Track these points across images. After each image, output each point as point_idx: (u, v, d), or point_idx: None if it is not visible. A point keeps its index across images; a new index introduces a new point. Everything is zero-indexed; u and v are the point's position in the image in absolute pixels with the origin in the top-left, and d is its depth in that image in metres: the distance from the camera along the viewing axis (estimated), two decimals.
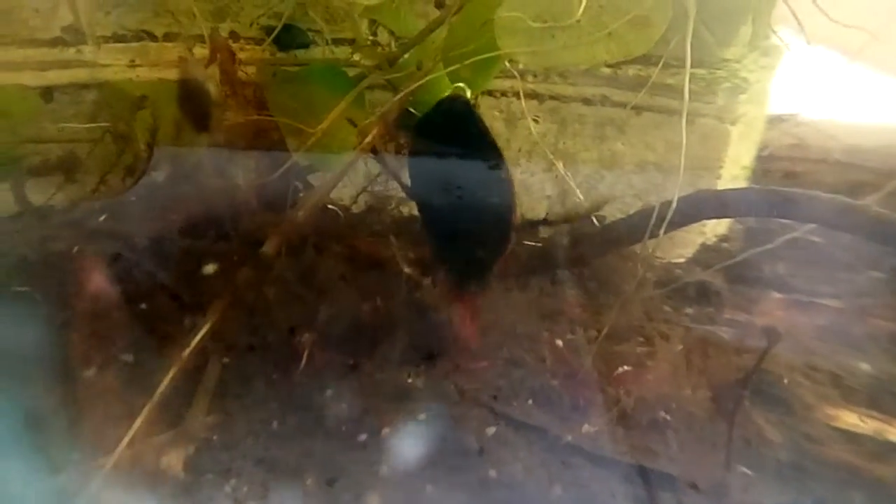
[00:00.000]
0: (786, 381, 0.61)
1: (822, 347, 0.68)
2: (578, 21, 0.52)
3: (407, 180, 0.61)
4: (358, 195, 0.80)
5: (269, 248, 0.55)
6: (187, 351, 0.51)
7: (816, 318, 0.74)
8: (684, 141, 0.59)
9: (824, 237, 0.82)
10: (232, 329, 0.57)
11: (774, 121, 1.19)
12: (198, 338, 0.51)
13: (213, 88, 0.65)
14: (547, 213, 0.89)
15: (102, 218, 0.65)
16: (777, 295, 0.81)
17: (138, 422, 0.48)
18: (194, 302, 0.57)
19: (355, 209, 0.79)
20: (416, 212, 0.86)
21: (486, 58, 0.57)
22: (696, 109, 0.94)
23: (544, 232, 0.84)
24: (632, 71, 0.89)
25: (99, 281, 0.58)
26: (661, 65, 0.72)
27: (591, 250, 0.79)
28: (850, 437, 0.56)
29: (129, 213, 0.65)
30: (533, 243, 0.80)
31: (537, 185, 0.90)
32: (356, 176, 0.82)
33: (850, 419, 0.57)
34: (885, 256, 0.80)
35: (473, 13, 0.60)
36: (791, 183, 1.16)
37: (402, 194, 0.82)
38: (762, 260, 0.87)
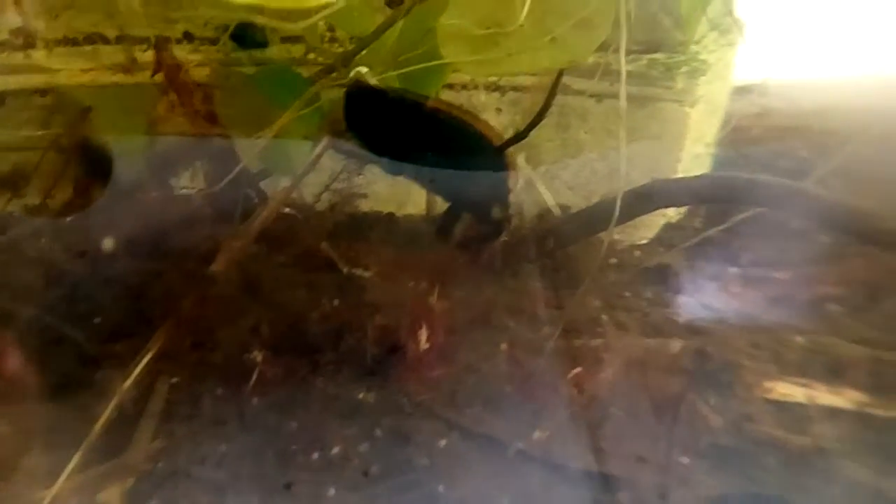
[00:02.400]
0: (731, 361, 0.60)
1: (767, 321, 0.67)
2: (522, 26, 0.50)
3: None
4: (320, 194, 0.78)
5: (217, 266, 0.53)
6: (130, 379, 0.49)
7: (766, 290, 0.74)
8: (623, 136, 0.56)
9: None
10: (181, 348, 0.55)
11: (741, 92, 1.17)
12: (142, 362, 0.50)
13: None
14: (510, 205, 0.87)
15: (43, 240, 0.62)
16: (733, 270, 0.79)
17: (77, 455, 0.46)
18: (141, 323, 0.55)
19: (318, 207, 0.77)
20: (377, 208, 0.85)
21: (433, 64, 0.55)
22: (656, 94, 0.92)
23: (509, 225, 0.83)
24: (591, 58, 0.87)
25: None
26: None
27: (555, 241, 0.78)
28: (782, 407, 0.55)
29: (70, 229, 0.62)
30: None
31: None
32: (320, 174, 0.79)
33: (784, 389, 0.57)
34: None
35: (420, 17, 0.58)
36: (757, 152, 1.16)
37: (364, 190, 0.80)
38: (721, 236, 0.87)
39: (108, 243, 0.58)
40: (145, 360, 0.51)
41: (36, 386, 0.54)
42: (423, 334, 0.57)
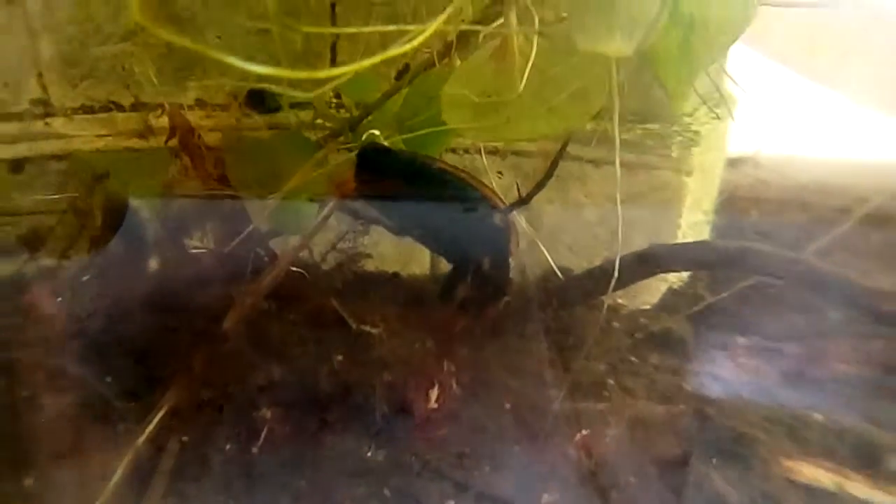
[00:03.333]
0: (744, 434, 0.59)
1: (781, 395, 0.66)
2: (520, 96, 0.52)
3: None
4: (327, 253, 0.79)
5: (228, 323, 0.54)
6: (142, 437, 0.49)
7: (775, 363, 0.73)
8: (619, 202, 0.58)
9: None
10: (191, 406, 0.55)
11: (735, 163, 1.20)
12: (155, 420, 0.50)
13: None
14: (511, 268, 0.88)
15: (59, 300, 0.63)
16: (741, 340, 0.79)
17: None
18: (154, 380, 0.55)
19: (325, 266, 0.78)
20: (382, 267, 0.85)
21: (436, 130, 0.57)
22: (653, 162, 0.94)
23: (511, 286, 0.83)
24: (589, 125, 0.89)
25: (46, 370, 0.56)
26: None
27: (558, 303, 0.78)
28: (809, 492, 0.53)
29: (84, 290, 0.63)
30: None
31: None
32: (326, 232, 0.81)
33: (808, 472, 0.55)
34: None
35: (424, 85, 0.60)
36: (751, 223, 1.17)
37: (369, 250, 0.81)
38: (724, 304, 0.87)
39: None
40: (157, 418, 0.50)
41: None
42: (431, 393, 0.56)
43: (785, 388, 0.68)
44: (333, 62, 0.76)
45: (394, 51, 0.42)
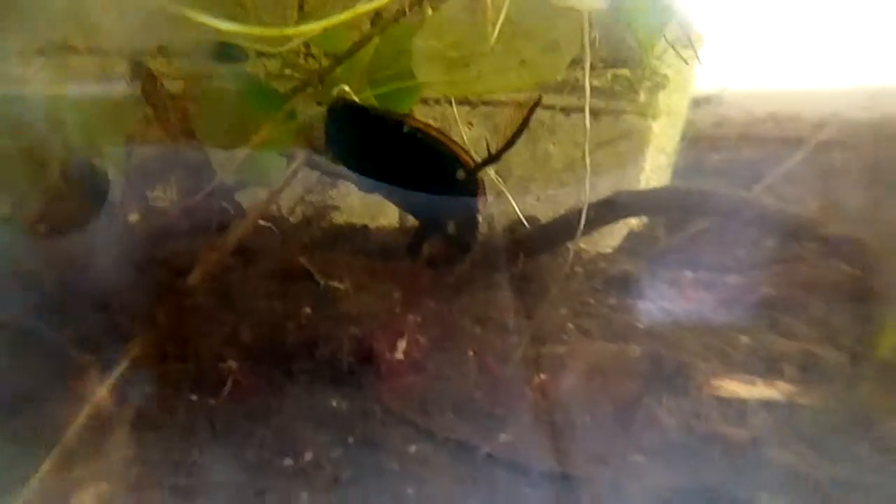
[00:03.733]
0: (684, 363, 0.62)
1: (717, 323, 0.70)
2: (492, 49, 0.51)
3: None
4: (295, 206, 0.78)
5: (194, 278, 0.53)
6: (102, 387, 0.49)
7: (717, 294, 0.77)
8: (587, 149, 0.58)
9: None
10: (155, 358, 0.55)
11: (699, 103, 1.20)
12: (116, 372, 0.50)
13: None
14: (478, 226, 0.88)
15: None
16: (689, 275, 0.82)
17: (47, 463, 0.46)
18: (117, 334, 0.55)
19: (293, 219, 0.77)
20: (351, 220, 0.85)
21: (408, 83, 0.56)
22: (620, 108, 0.93)
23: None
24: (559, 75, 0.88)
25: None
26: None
27: (524, 252, 0.79)
28: (726, 403, 0.57)
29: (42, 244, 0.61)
30: None
31: None
32: (295, 186, 0.79)
33: (729, 386, 0.59)
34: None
35: (395, 37, 0.58)
36: (712, 161, 1.19)
37: (338, 203, 0.81)
38: (680, 244, 0.89)
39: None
40: (119, 370, 0.50)
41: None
42: (396, 344, 0.57)
43: (721, 315, 0.72)
44: (301, 9, 0.73)
45: (363, 7, 0.41)
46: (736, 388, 0.59)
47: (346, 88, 0.57)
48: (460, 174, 0.55)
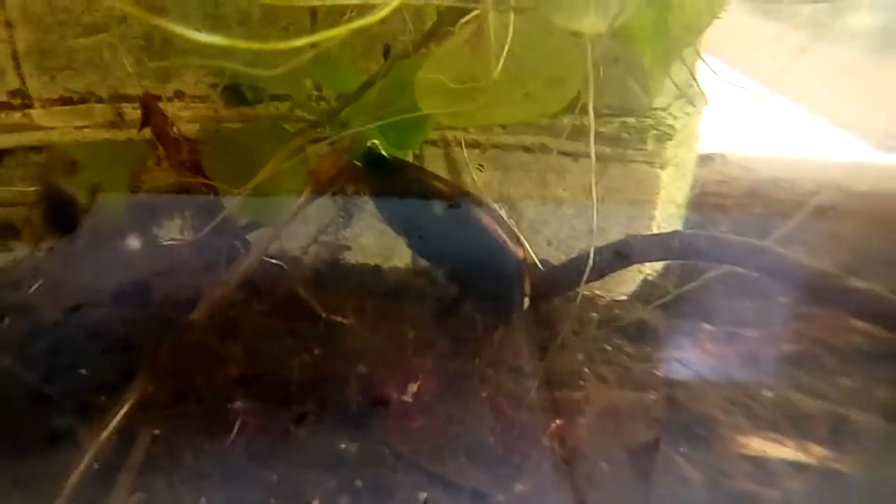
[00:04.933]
0: (706, 415, 0.58)
1: (738, 376, 0.66)
2: (496, 82, 0.47)
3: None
4: (308, 246, 0.74)
5: (198, 314, 0.49)
6: (107, 430, 0.44)
7: (736, 348, 0.73)
8: (594, 193, 0.54)
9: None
10: (164, 398, 0.50)
11: (704, 160, 1.19)
12: (120, 413, 0.45)
13: (81, 193, 0.57)
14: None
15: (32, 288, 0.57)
16: (707, 327, 0.78)
17: None
18: (123, 373, 0.51)
19: (306, 259, 0.73)
20: (362, 259, 0.81)
21: (416, 117, 0.52)
22: (629, 156, 0.90)
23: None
24: (567, 120, 0.86)
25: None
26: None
27: (537, 295, 0.75)
28: (756, 462, 0.53)
29: (55, 280, 0.58)
30: None
31: None
32: (308, 226, 0.76)
33: (756, 445, 0.55)
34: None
35: (402, 73, 0.56)
36: (721, 216, 1.16)
37: (350, 243, 0.77)
38: (694, 293, 0.84)
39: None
40: (123, 411, 0.46)
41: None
42: (407, 386, 0.52)
43: (742, 370, 0.68)
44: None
45: (358, 22, 0.37)
46: (763, 446, 0.55)
47: (377, 143, 0.54)
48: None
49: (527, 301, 0.60)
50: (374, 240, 0.78)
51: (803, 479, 0.51)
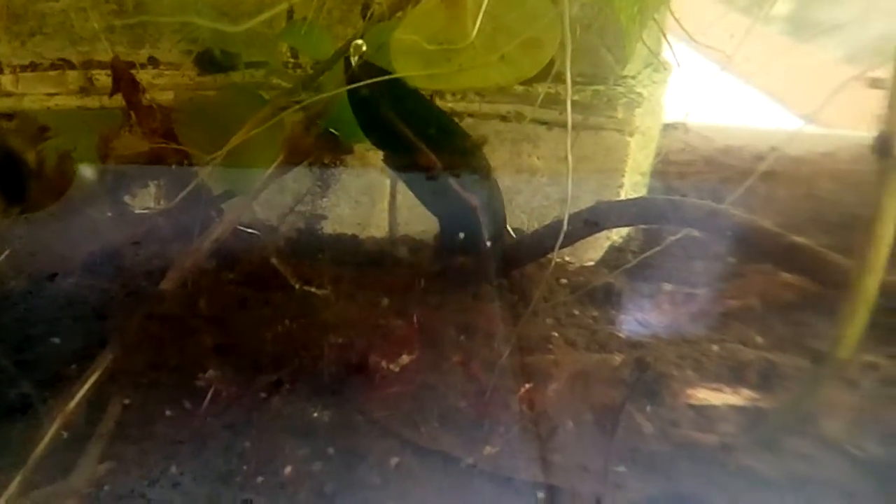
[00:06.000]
0: (661, 372, 0.58)
1: (690, 333, 0.66)
2: (472, 44, 0.44)
3: None
4: (286, 215, 0.70)
5: (167, 284, 0.45)
6: (74, 400, 0.41)
7: (690, 306, 0.74)
8: (570, 161, 0.51)
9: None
10: (136, 367, 0.46)
11: (667, 128, 1.17)
12: (87, 384, 0.41)
13: (30, 157, 0.52)
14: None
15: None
16: (667, 287, 0.78)
17: (18, 476, 0.37)
18: (94, 343, 0.47)
19: (283, 229, 0.69)
20: (341, 230, 0.77)
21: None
22: (600, 123, 0.87)
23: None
24: (542, 89, 0.82)
25: None
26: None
27: (510, 263, 0.72)
28: (699, 411, 0.54)
29: (26, 248, 0.53)
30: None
31: None
32: (285, 196, 0.72)
33: (701, 395, 0.56)
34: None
35: (377, 37, 0.51)
36: (681, 182, 1.15)
37: (327, 213, 0.73)
38: (657, 257, 0.83)
39: None
40: (91, 381, 0.42)
41: None
42: (381, 353, 0.49)
43: (694, 326, 0.68)
44: (290, 16, 0.65)
45: None
46: (707, 395, 0.56)
47: (360, 42, 0.47)
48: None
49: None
50: (351, 210, 0.74)
51: (735, 419, 0.52)
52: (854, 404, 0.53)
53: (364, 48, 0.49)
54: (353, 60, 0.49)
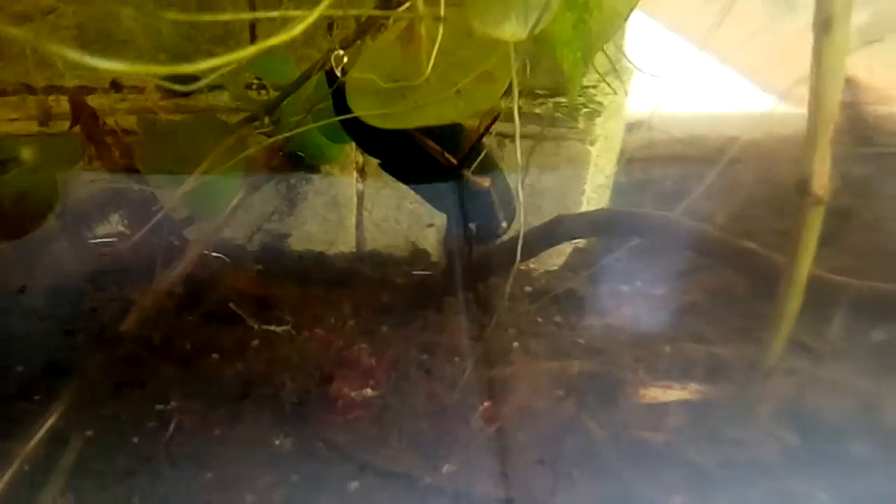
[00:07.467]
0: (618, 378, 0.57)
1: (646, 334, 0.66)
2: (427, 80, 0.43)
3: None
4: (253, 234, 0.69)
5: (128, 324, 0.44)
6: (33, 440, 0.40)
7: (647, 307, 0.75)
8: (520, 181, 0.51)
9: None
10: (97, 400, 0.45)
11: (632, 127, 1.16)
12: (49, 421, 0.40)
13: None
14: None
15: None
16: (625, 290, 0.79)
17: None
18: (54, 380, 0.46)
19: (250, 248, 0.68)
20: (310, 247, 0.76)
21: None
22: (562, 134, 0.87)
23: (433, 260, 0.76)
24: (503, 102, 0.81)
25: None
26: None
27: (475, 275, 0.72)
28: (649, 409, 0.54)
29: None
30: (420, 272, 0.71)
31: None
32: (251, 214, 0.71)
33: (652, 394, 0.56)
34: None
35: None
36: (645, 180, 1.15)
37: (295, 230, 0.72)
38: (617, 261, 0.84)
39: None
40: (49, 423, 0.41)
41: None
42: (344, 375, 0.49)
43: (649, 325, 0.69)
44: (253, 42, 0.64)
45: (276, 38, 0.32)
46: (656, 394, 0.57)
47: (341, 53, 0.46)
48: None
49: None
50: (319, 226, 0.73)
51: (682, 414, 0.52)
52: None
53: (346, 59, 0.48)
54: (338, 72, 0.48)
